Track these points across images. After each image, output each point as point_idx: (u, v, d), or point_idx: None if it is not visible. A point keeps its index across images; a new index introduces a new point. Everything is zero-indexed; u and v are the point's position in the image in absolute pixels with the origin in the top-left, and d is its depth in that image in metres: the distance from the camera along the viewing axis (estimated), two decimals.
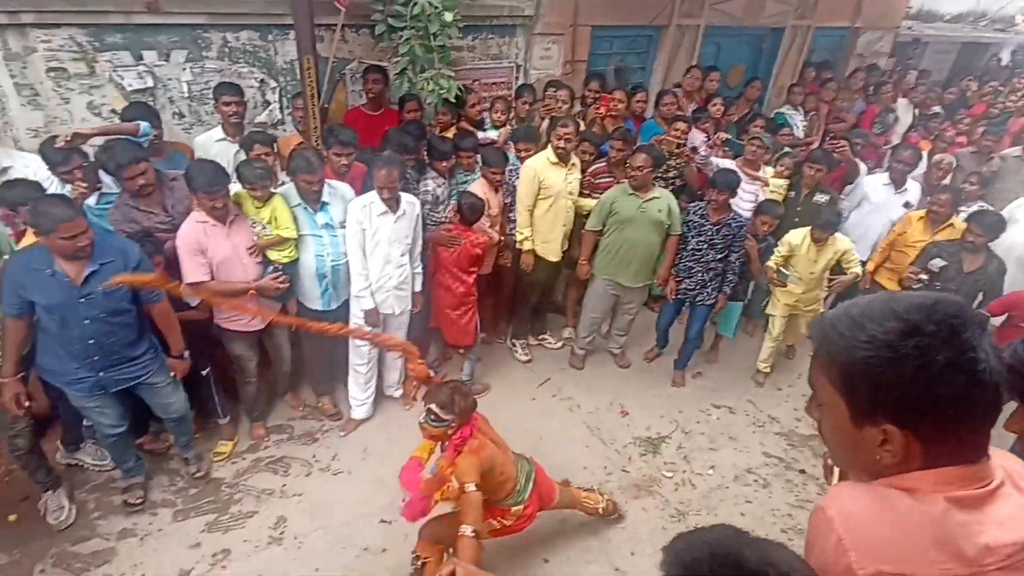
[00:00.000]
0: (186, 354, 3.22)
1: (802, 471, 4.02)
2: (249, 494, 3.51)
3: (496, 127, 4.80)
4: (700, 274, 4.32)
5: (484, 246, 3.99)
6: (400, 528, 3.33)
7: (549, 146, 4.23)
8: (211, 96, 4.05)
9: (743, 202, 4.70)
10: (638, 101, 5.29)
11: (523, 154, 4.33)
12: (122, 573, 3.02)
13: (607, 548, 3.37)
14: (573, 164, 4.30)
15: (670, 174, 4.84)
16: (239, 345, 3.57)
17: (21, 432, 2.96)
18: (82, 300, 2.69)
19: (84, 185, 3.15)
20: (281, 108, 4.63)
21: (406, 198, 3.62)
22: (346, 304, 3.82)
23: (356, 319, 3.77)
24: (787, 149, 5.22)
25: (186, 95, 4.21)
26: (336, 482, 3.65)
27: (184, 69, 4.11)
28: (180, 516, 3.35)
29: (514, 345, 4.90)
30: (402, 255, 3.68)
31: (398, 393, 4.25)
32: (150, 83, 3.99)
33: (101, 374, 2.88)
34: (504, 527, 2.78)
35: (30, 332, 2.79)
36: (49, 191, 3.10)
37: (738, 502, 3.76)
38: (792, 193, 4.80)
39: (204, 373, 3.58)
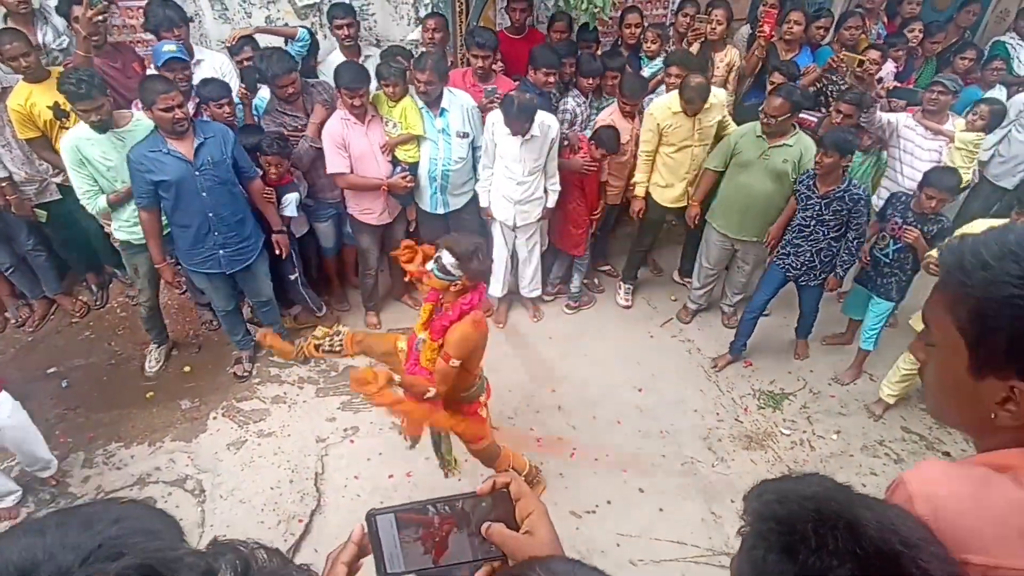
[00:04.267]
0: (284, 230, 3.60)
1: (947, 454, 3.62)
2: None
3: (649, 58, 4.43)
4: (808, 254, 3.67)
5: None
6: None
7: (676, 91, 3.75)
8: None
9: (921, 163, 3.92)
10: (819, 27, 4.62)
11: (674, 79, 3.92)
12: (273, 431, 3.58)
13: (707, 490, 3.33)
14: (711, 104, 3.80)
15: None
16: (366, 237, 3.93)
17: (142, 303, 3.76)
18: (197, 173, 3.11)
19: (243, 89, 3.62)
20: None
21: (543, 119, 3.55)
22: (459, 212, 3.94)
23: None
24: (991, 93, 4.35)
25: None
26: None
27: None
28: (321, 393, 3.83)
29: (619, 287, 4.67)
30: (529, 174, 3.69)
31: (533, 293, 4.37)
32: None
33: (221, 252, 3.34)
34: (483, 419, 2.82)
35: (161, 222, 3.27)
36: (232, 85, 3.58)
37: (861, 472, 3.49)
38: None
39: (292, 278, 3.93)
